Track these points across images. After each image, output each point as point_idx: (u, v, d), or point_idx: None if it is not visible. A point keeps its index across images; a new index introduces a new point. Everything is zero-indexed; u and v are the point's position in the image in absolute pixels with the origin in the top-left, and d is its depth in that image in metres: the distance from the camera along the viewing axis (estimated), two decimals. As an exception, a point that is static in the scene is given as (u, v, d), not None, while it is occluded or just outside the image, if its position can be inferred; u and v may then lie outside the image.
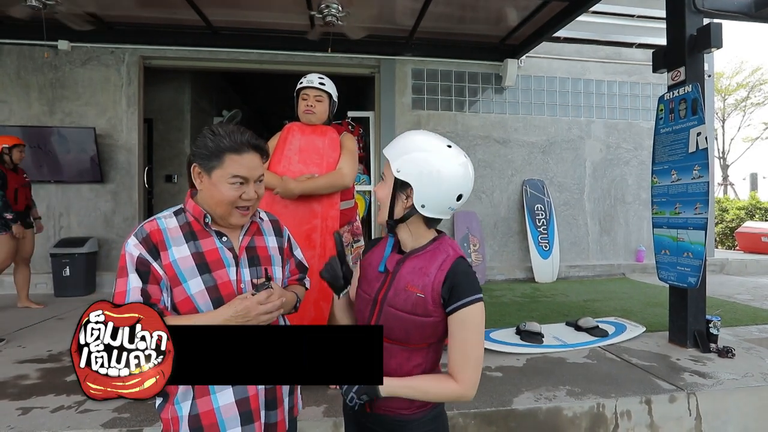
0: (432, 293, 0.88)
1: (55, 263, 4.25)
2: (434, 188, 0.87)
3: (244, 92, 8.09)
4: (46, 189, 4.56)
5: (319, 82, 2.06)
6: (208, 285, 0.95)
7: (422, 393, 0.90)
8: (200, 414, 0.93)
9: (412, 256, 0.94)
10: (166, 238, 0.96)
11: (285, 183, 1.86)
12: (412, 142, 0.91)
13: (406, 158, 0.88)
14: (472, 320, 0.88)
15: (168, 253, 0.95)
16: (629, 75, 5.73)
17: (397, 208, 0.93)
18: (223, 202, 0.97)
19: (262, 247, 1.08)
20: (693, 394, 2.07)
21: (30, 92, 4.54)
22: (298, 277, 1.20)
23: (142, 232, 0.95)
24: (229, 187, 0.96)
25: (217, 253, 0.99)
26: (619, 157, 5.73)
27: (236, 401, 0.95)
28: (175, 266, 0.94)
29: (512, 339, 2.82)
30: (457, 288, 0.88)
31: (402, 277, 0.92)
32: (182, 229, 0.99)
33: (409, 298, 0.89)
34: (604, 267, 5.56)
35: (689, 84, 2.64)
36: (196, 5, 4.03)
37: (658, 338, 2.91)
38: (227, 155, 0.95)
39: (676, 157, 2.74)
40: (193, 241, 0.98)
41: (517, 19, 4.43)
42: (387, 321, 0.91)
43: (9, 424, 1.73)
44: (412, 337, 0.90)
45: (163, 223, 0.98)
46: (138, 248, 0.93)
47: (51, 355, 2.59)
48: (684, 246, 2.68)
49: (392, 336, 0.91)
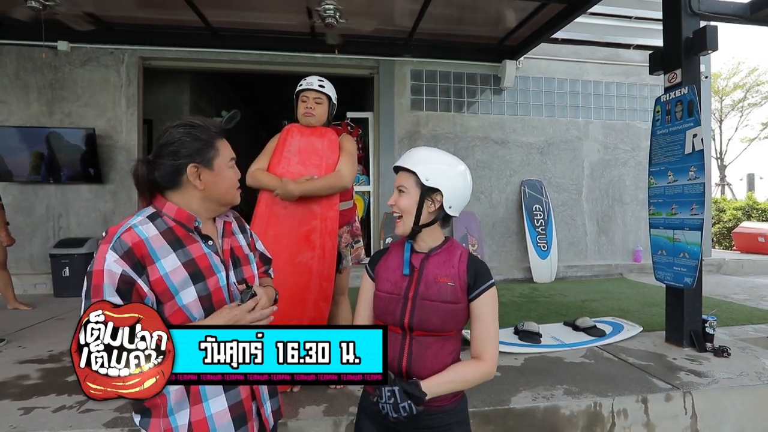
0: (460, 281, 1.00)
1: (55, 264, 4.25)
2: (459, 193, 1.03)
3: (244, 93, 8.09)
4: (45, 190, 4.57)
5: (319, 84, 2.07)
6: (201, 294, 0.91)
7: (461, 382, 0.99)
8: (192, 423, 0.89)
9: (433, 254, 1.05)
10: (150, 250, 0.87)
11: (284, 184, 1.87)
12: (430, 155, 1.04)
13: (433, 168, 1.02)
14: (494, 302, 1.00)
15: (157, 266, 0.87)
16: (627, 76, 5.77)
17: (424, 214, 1.03)
18: (232, 188, 0.98)
19: (238, 247, 1.06)
20: (689, 392, 2.09)
21: (29, 93, 4.54)
22: (264, 269, 1.19)
23: (122, 244, 0.84)
24: (232, 171, 0.98)
25: (207, 259, 0.95)
26: (616, 158, 5.76)
27: (229, 407, 0.93)
28: (167, 280, 0.88)
29: (510, 339, 2.84)
30: (479, 274, 1.01)
31: (429, 272, 1.02)
32: (164, 236, 0.90)
33: (442, 288, 1.00)
34: (602, 267, 5.59)
35: (685, 86, 2.67)
36: (195, 6, 4.04)
37: (654, 338, 2.93)
38: (218, 141, 0.96)
39: (672, 158, 2.77)
40: (181, 249, 0.91)
41: (516, 20, 4.45)
42: (423, 313, 1.00)
43: (11, 424, 1.74)
44: (447, 323, 1.00)
45: (142, 232, 0.87)
46: (120, 264, 0.83)
47: (52, 355, 2.60)
48: (680, 246, 2.70)
49: (429, 327, 1.00)
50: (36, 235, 4.56)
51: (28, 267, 4.53)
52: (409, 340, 1.01)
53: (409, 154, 1.05)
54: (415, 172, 1.01)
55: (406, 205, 1.03)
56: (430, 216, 1.03)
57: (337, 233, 2.04)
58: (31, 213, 4.55)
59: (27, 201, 4.54)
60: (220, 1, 4.04)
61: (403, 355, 1.00)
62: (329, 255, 1.99)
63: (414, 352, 1.00)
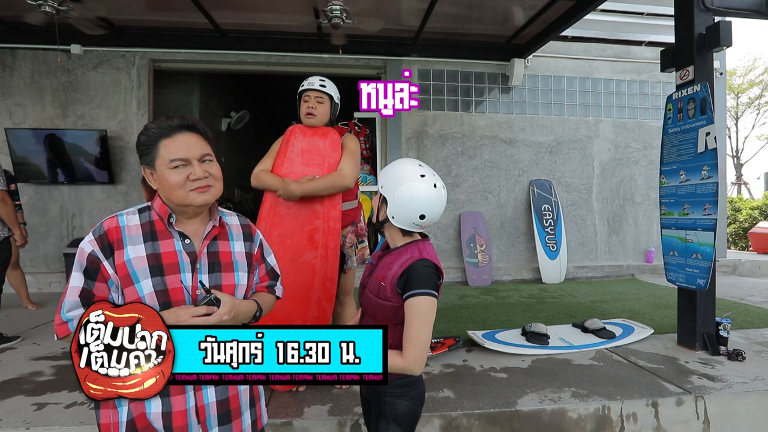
0: (390, 284, 1.12)
1: (68, 263, 4.34)
2: (401, 206, 1.13)
3: (252, 93, 8.17)
4: (59, 190, 4.67)
5: (320, 84, 2.08)
6: (157, 288, 0.93)
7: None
8: (134, 418, 0.90)
9: (387, 254, 1.19)
10: (123, 237, 0.94)
11: (286, 185, 1.88)
12: (395, 167, 1.17)
13: (387, 179, 1.16)
14: (418, 309, 1.07)
15: (123, 252, 0.93)
16: (638, 73, 5.67)
17: (380, 215, 1.20)
18: (174, 188, 0.94)
19: (225, 252, 1.03)
20: (701, 397, 2.04)
21: (44, 95, 4.65)
22: (267, 284, 1.15)
23: (100, 229, 0.94)
24: (172, 172, 0.94)
25: (175, 257, 0.96)
26: (628, 157, 5.67)
27: (162, 413, 0.91)
28: (129, 266, 0.92)
29: (518, 340, 2.81)
30: (408, 282, 1.10)
31: (378, 269, 1.18)
32: (143, 228, 0.96)
33: (376, 286, 1.15)
34: (613, 268, 5.51)
35: (698, 83, 2.61)
36: (204, 8, 4.09)
37: (666, 340, 2.87)
38: (161, 143, 0.95)
39: (684, 157, 2.71)
40: (152, 242, 0.96)
41: (524, 18, 4.40)
42: (365, 301, 1.20)
43: (25, 419, 1.79)
44: (377, 314, 1.16)
45: (123, 221, 0.96)
46: (92, 245, 0.92)
47: (64, 352, 2.65)
48: (693, 247, 2.65)
49: (366, 312, 1.21)
50: (50, 235, 4.66)
51: (43, 266, 4.64)
52: (362, 321, 1.26)
53: (389, 164, 1.20)
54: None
55: (373, 202, 1.23)
56: (381, 218, 1.19)
57: (340, 232, 2.04)
58: (45, 213, 4.66)
59: (42, 201, 4.65)
60: (228, 3, 4.08)
61: None
62: (332, 254, 1.99)
63: None
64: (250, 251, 1.10)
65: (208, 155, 0.99)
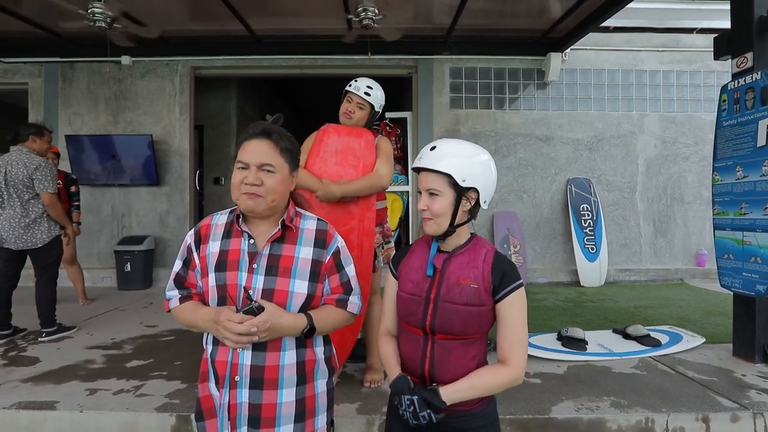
0: (483, 283, 0.95)
1: (118, 259, 4.66)
2: (492, 184, 1.00)
3: (286, 96, 8.39)
4: (111, 192, 5.03)
5: (365, 92, 2.09)
6: (218, 283, 0.99)
7: (484, 388, 0.94)
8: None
9: (456, 254, 1.00)
10: (212, 233, 1.06)
11: (326, 186, 1.90)
12: (455, 151, 0.97)
13: (466, 167, 0.95)
14: (522, 304, 0.95)
15: (207, 246, 1.04)
16: (689, 63, 5.28)
17: (460, 214, 0.98)
18: (233, 188, 1.00)
19: (287, 257, 1.00)
20: (761, 414, 1.87)
21: (98, 104, 5.02)
22: (338, 296, 1.06)
23: (198, 225, 1.09)
24: (236, 173, 1.00)
25: (238, 255, 1.01)
26: (676, 153, 5.29)
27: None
28: (207, 259, 1.03)
29: (553, 345, 2.70)
30: (505, 275, 0.95)
31: (452, 273, 0.98)
32: (225, 226, 1.06)
33: (464, 291, 0.95)
34: (659, 271, 5.17)
35: (758, 71, 2.39)
36: (241, 16, 4.25)
37: (719, 351, 2.66)
38: (242, 145, 1.02)
39: (741, 152, 2.49)
40: (227, 239, 1.04)
41: (561, 10, 4.22)
42: (445, 316, 0.95)
43: (79, 403, 1.93)
44: (470, 327, 0.95)
45: (216, 219, 1.09)
46: (190, 237, 1.07)
47: (114, 342, 2.85)
48: (751, 250, 2.43)
49: (452, 330, 0.95)
50: (103, 233, 5.03)
51: (96, 262, 5.00)
52: (431, 344, 0.97)
53: (432, 154, 0.96)
54: (449, 174, 0.94)
55: (440, 208, 0.96)
56: (465, 215, 1.00)
57: (374, 233, 2.05)
58: (99, 213, 5.03)
59: (96, 202, 5.02)
60: (263, 10, 4.21)
61: (425, 359, 0.98)
62: (367, 255, 2.00)
63: (436, 356, 0.97)
64: (319, 259, 1.03)
65: (268, 165, 0.98)
